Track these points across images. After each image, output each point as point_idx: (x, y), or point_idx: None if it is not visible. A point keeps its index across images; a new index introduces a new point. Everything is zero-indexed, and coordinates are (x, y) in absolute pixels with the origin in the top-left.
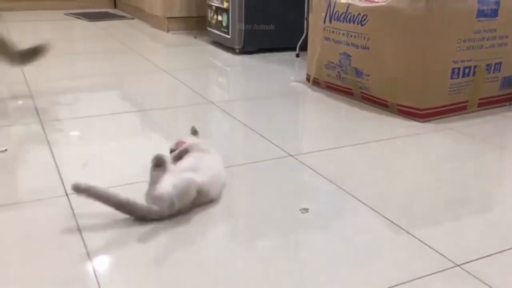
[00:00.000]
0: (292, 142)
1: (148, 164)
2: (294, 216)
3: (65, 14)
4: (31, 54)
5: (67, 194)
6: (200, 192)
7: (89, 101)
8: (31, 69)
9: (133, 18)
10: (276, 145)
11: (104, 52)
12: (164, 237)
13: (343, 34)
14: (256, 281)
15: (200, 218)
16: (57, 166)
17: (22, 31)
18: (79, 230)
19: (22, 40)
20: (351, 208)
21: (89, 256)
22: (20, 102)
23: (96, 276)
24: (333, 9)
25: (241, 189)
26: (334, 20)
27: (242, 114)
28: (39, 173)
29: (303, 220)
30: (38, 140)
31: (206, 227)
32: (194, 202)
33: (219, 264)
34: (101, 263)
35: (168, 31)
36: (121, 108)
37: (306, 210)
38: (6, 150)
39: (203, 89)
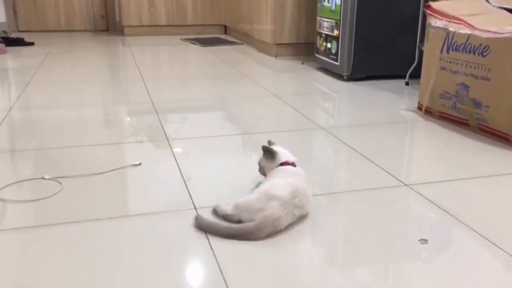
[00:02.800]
0: (406, 172)
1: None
2: (412, 246)
3: (181, 39)
4: None
5: (195, 208)
6: (297, 195)
7: (204, 122)
8: (154, 89)
9: (242, 44)
10: (389, 174)
11: (216, 76)
12: (277, 255)
13: (462, 65)
14: None
15: (305, 244)
16: (184, 181)
17: (143, 53)
18: (208, 239)
19: (143, 60)
20: (473, 244)
21: (217, 261)
22: (148, 120)
23: (224, 279)
24: (452, 39)
25: (354, 215)
26: (452, 50)
27: (353, 140)
28: (169, 186)
29: (422, 251)
30: (165, 156)
31: (312, 253)
32: (294, 213)
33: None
34: (227, 267)
35: (276, 56)
36: (235, 130)
37: (425, 241)
38: (140, 164)
39: (313, 114)
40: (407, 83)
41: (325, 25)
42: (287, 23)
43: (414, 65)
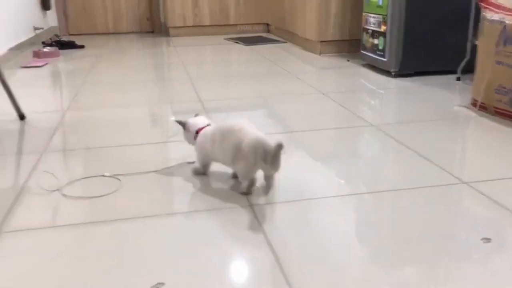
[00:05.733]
0: (463, 169)
1: None
2: (475, 245)
3: (224, 39)
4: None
5: (250, 204)
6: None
7: (251, 120)
8: (201, 88)
9: (285, 42)
10: (446, 171)
11: (261, 74)
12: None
13: None
14: None
15: (356, 242)
16: None
17: (188, 53)
18: (264, 234)
19: (188, 60)
20: None
21: (275, 256)
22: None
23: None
24: (509, 32)
25: (411, 213)
26: (509, 43)
27: (405, 138)
28: (224, 184)
29: (485, 250)
30: None
31: (369, 251)
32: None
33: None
34: (285, 261)
35: (320, 54)
36: (282, 127)
37: (488, 240)
38: (194, 162)
39: (361, 111)
40: (458, 79)
41: (372, 21)
42: (331, 20)
43: (466, 59)
